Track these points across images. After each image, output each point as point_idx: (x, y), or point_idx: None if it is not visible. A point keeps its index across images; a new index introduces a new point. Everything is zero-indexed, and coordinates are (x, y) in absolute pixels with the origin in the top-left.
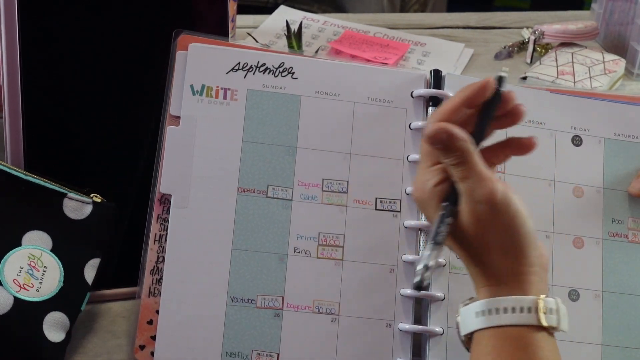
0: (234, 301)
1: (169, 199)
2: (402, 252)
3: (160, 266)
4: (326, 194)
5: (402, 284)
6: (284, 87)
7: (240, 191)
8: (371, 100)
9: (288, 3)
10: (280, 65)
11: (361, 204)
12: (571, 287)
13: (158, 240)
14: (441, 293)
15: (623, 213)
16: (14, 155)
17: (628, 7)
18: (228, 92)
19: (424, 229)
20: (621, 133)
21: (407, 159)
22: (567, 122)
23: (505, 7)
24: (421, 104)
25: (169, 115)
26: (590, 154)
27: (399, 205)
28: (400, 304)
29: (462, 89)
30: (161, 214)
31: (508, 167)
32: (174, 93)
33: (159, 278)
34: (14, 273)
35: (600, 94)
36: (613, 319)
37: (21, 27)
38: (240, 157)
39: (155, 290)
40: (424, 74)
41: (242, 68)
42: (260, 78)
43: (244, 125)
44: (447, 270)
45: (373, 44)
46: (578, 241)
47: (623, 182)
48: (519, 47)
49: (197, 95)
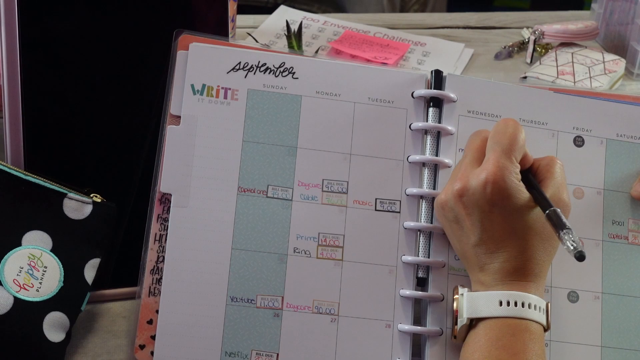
0: (234, 301)
1: (169, 198)
2: (402, 253)
3: (160, 266)
4: (326, 195)
5: (402, 285)
6: (284, 87)
7: (241, 191)
8: (372, 100)
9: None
10: (281, 65)
11: (361, 205)
12: (570, 289)
13: (158, 239)
14: (440, 293)
15: (623, 214)
16: (14, 155)
17: (628, 7)
18: (229, 91)
19: (423, 230)
20: (624, 134)
21: (407, 159)
22: (569, 123)
23: (505, 7)
24: (422, 105)
25: (170, 114)
26: (592, 155)
27: (399, 206)
28: (400, 305)
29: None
30: (161, 214)
31: None
32: (174, 92)
33: (159, 278)
34: (14, 273)
35: (603, 94)
36: (612, 321)
37: (21, 27)
38: (241, 157)
39: (155, 289)
40: (425, 75)
41: (242, 68)
42: (261, 78)
43: (244, 125)
44: (446, 271)
45: (373, 44)
46: None
47: (624, 184)
48: (519, 47)
49: (198, 94)
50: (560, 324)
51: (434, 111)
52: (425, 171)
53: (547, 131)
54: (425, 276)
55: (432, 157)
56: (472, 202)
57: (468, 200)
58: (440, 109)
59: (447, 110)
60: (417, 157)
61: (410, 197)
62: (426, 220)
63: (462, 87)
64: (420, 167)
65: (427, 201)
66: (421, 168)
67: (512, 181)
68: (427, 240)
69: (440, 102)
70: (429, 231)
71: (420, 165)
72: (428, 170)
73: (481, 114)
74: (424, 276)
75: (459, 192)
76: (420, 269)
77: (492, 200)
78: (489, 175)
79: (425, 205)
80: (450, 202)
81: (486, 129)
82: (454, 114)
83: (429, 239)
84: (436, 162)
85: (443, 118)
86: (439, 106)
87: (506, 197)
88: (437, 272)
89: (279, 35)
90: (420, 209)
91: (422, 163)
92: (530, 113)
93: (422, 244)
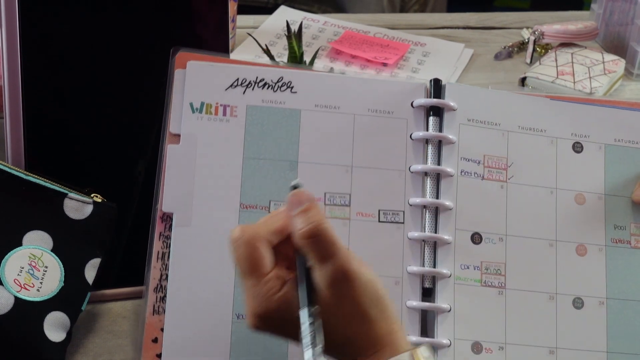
0: (240, 318)
1: (171, 216)
2: (407, 264)
3: (164, 284)
4: (329, 208)
5: (408, 296)
6: (283, 102)
7: (243, 208)
8: (371, 111)
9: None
10: (279, 80)
11: (364, 217)
12: (575, 295)
13: (161, 257)
14: (447, 304)
15: (625, 219)
16: (14, 155)
17: (628, 7)
18: (228, 108)
19: (428, 240)
20: (622, 139)
21: (409, 169)
22: (568, 129)
23: (505, 7)
24: (422, 114)
25: (169, 133)
26: (591, 160)
27: (402, 217)
28: (407, 316)
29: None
30: (163, 232)
31: (510, 176)
32: (173, 111)
33: (163, 296)
34: (14, 273)
35: (600, 100)
36: (618, 326)
37: (22, 27)
38: (242, 174)
39: (159, 308)
40: (424, 83)
41: (240, 84)
42: (260, 93)
43: (244, 141)
44: (452, 281)
45: (373, 44)
46: (581, 249)
47: (624, 188)
48: (518, 47)
49: (197, 112)
50: (566, 330)
51: (435, 120)
52: (427, 181)
53: (546, 138)
54: (432, 286)
55: (434, 167)
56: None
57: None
58: (440, 117)
59: (448, 118)
60: (419, 166)
61: (414, 207)
62: (430, 230)
63: (461, 96)
64: (423, 176)
65: (430, 211)
66: (423, 178)
67: (272, 302)
68: (432, 250)
69: (440, 111)
70: (433, 241)
71: (422, 175)
72: (430, 180)
73: (481, 122)
74: (430, 286)
75: (254, 325)
76: (426, 279)
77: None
78: (250, 319)
79: (429, 215)
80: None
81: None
82: (455, 122)
83: (434, 249)
84: (438, 171)
85: (444, 127)
86: (439, 115)
87: (279, 331)
88: (444, 282)
89: (279, 35)
90: (424, 218)
91: (424, 172)
92: (529, 120)
93: (427, 254)
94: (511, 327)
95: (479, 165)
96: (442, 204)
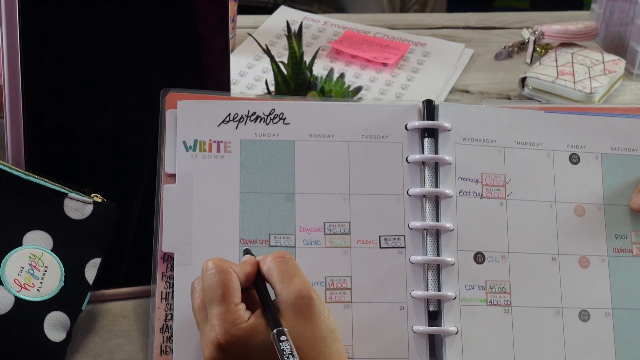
0: None
1: (172, 256)
2: (411, 288)
3: (170, 324)
4: (329, 237)
5: (414, 321)
6: (276, 134)
7: (243, 243)
8: (365, 137)
9: (288, 3)
10: (270, 112)
11: (365, 244)
12: (581, 308)
13: (165, 297)
14: (454, 327)
15: (625, 228)
16: (14, 155)
17: (628, 7)
18: (221, 144)
19: (430, 264)
20: (617, 147)
21: (408, 193)
22: (563, 141)
23: (505, 7)
24: (416, 136)
25: (164, 173)
26: (589, 171)
27: (404, 241)
28: (414, 341)
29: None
30: (165, 272)
31: (509, 193)
32: (167, 151)
33: (169, 336)
34: (14, 273)
35: (595, 108)
36: (625, 336)
37: (22, 27)
38: (240, 209)
39: (166, 348)
40: (417, 105)
41: (233, 119)
42: (252, 127)
43: (240, 176)
44: (457, 303)
45: (373, 44)
46: (584, 260)
47: (623, 197)
48: (518, 47)
49: (191, 150)
50: (574, 344)
51: (430, 142)
52: (426, 203)
53: (543, 151)
54: (437, 309)
55: (433, 189)
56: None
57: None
58: (435, 138)
59: (443, 139)
60: (417, 189)
61: (414, 230)
62: (432, 253)
63: (455, 115)
64: (422, 199)
65: (431, 234)
66: (422, 200)
67: (240, 330)
68: (435, 273)
69: (434, 132)
70: (436, 264)
71: (421, 198)
72: (429, 203)
73: (476, 140)
74: (435, 309)
75: (212, 357)
76: (431, 303)
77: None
78: (220, 339)
79: (430, 238)
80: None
81: (200, 278)
82: (450, 142)
83: (438, 272)
84: (437, 193)
85: (439, 148)
86: (434, 136)
87: (248, 349)
88: (449, 304)
89: (279, 35)
90: (425, 242)
91: (422, 195)
92: (524, 135)
93: (430, 278)
94: (519, 345)
95: (477, 184)
96: (443, 226)
